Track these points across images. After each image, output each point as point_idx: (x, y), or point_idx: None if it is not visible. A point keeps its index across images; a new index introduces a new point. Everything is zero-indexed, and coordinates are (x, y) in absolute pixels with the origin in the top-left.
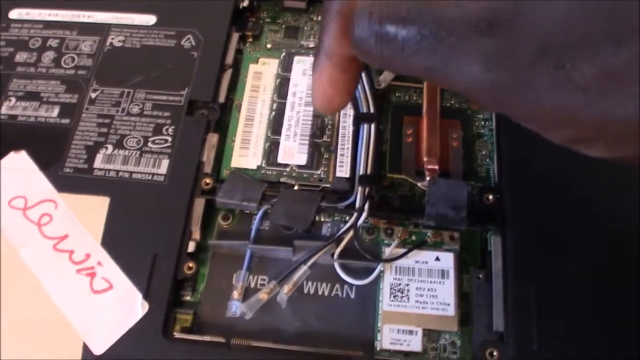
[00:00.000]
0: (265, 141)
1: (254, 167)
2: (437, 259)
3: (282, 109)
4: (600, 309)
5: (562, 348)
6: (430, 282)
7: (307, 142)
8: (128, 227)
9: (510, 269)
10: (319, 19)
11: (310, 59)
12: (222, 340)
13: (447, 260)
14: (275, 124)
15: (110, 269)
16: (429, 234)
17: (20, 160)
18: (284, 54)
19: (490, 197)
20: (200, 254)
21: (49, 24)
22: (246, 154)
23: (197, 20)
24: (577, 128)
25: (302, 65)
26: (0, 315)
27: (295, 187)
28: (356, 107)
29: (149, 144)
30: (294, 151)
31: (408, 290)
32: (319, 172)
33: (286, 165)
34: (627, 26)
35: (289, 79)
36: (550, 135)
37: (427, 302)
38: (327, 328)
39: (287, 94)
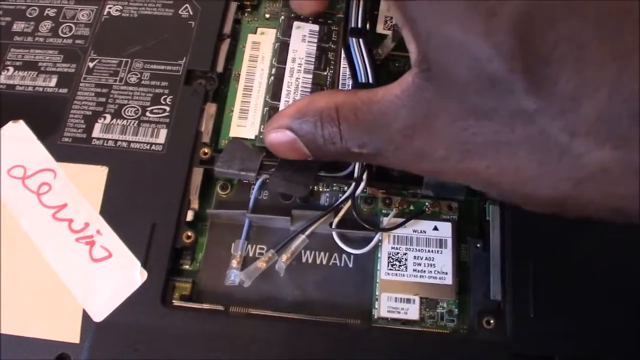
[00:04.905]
0: (263, 106)
1: (252, 137)
2: (435, 228)
3: (281, 74)
4: (596, 278)
5: (558, 317)
6: (428, 251)
7: None
8: (127, 196)
9: (508, 238)
10: None
11: (310, 26)
12: (220, 308)
13: (445, 229)
14: (275, 88)
15: (109, 238)
16: (427, 204)
17: (18, 130)
18: (283, 17)
19: None
20: (198, 223)
21: None
22: (244, 124)
23: None
24: None
25: (301, 31)
26: (0, 282)
27: None
28: (355, 77)
29: (147, 114)
30: None
31: (406, 260)
32: None
33: None
34: None
35: (288, 43)
36: None
37: (424, 271)
38: (325, 296)
39: (286, 60)
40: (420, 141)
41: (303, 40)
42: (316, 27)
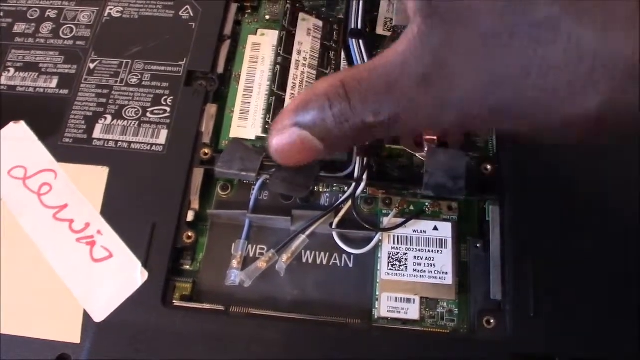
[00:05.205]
0: (269, 95)
1: (253, 137)
2: (436, 228)
3: (287, 65)
4: (596, 278)
5: (558, 316)
6: (428, 251)
7: None
8: (127, 196)
9: (508, 238)
10: None
11: (314, 20)
12: (221, 308)
13: (446, 229)
14: (281, 78)
15: (110, 238)
16: (427, 204)
17: (19, 131)
18: (288, 6)
19: (489, 167)
20: (199, 223)
21: None
22: (245, 125)
23: None
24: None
25: (306, 24)
26: (0, 283)
27: None
28: None
29: (148, 115)
30: None
31: (406, 259)
32: None
33: None
34: None
35: (294, 34)
36: None
37: (424, 271)
38: (326, 296)
39: (292, 51)
40: (436, 89)
41: (308, 34)
42: (320, 23)
